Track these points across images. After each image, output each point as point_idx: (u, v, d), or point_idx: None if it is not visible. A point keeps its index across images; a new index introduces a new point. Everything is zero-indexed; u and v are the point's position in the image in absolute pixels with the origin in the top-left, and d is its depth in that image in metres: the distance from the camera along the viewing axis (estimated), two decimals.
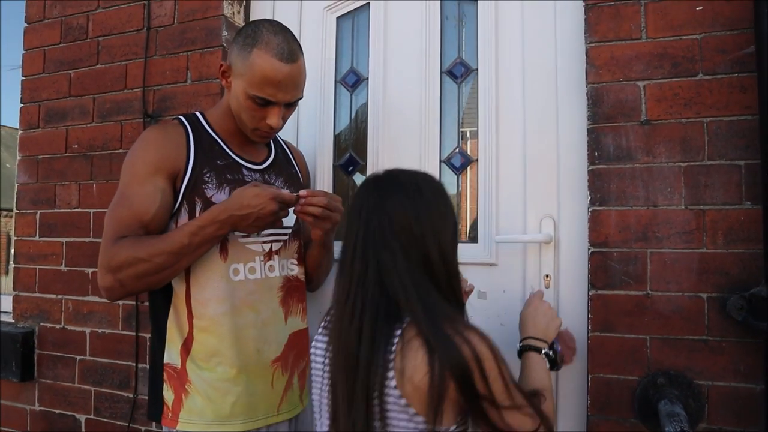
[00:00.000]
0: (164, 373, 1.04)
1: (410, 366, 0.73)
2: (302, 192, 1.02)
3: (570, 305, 1.22)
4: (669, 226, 1.11)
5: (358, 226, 0.81)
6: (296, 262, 1.15)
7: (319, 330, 0.91)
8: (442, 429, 0.74)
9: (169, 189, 1.01)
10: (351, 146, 1.48)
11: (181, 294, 1.03)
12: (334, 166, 1.48)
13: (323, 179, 1.47)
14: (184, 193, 1.01)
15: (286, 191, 1.01)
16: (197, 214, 1.01)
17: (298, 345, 1.13)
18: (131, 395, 1.57)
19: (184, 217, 1.01)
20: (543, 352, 0.96)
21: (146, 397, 1.50)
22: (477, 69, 1.36)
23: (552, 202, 1.26)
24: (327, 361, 0.84)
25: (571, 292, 1.21)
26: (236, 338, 1.03)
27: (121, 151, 1.63)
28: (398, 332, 0.76)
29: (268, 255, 1.08)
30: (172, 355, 1.03)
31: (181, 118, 1.08)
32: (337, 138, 1.49)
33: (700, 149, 1.11)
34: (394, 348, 0.75)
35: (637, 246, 1.12)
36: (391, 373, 0.74)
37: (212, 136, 1.07)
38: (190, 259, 0.98)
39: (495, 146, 1.32)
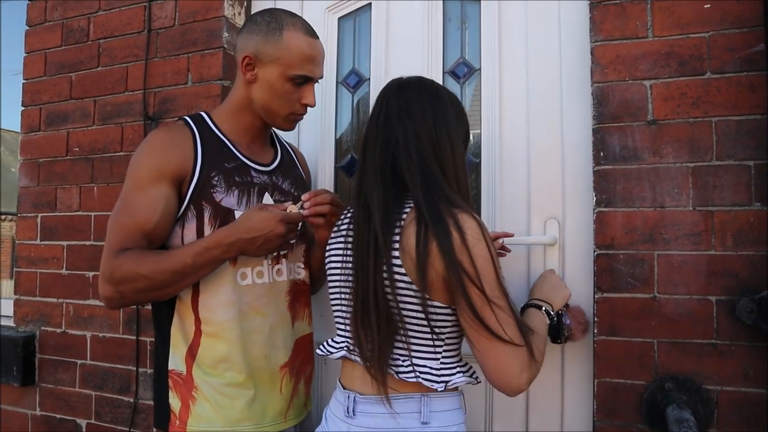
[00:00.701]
0: (169, 380, 1.02)
1: (407, 242, 0.78)
2: (304, 196, 1.01)
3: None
4: (676, 227, 1.09)
5: (380, 105, 0.89)
6: (303, 266, 1.13)
7: (334, 229, 0.96)
8: (437, 304, 0.78)
9: (174, 194, 0.98)
10: (353, 148, 1.46)
11: (187, 300, 1.01)
12: (336, 168, 1.47)
13: (324, 181, 1.45)
14: (191, 197, 0.99)
15: (294, 211, 0.99)
16: (206, 220, 0.99)
17: (304, 350, 1.12)
18: (132, 400, 1.55)
19: (191, 223, 0.99)
20: (543, 309, 0.98)
21: (147, 402, 1.52)
22: (480, 69, 1.34)
23: (557, 203, 1.24)
24: (347, 249, 0.88)
25: (577, 295, 1.19)
26: (244, 343, 1.01)
27: (122, 153, 1.62)
28: (406, 210, 0.82)
29: (276, 259, 1.07)
30: (177, 361, 1.01)
31: (187, 119, 1.06)
32: (338, 139, 1.48)
33: (709, 149, 1.09)
34: (399, 227, 0.80)
35: (644, 248, 1.10)
36: (396, 252, 0.79)
37: (219, 137, 1.05)
38: (193, 279, 0.96)
39: (498, 147, 1.30)
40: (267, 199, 1.05)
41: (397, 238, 0.80)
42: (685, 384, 1.06)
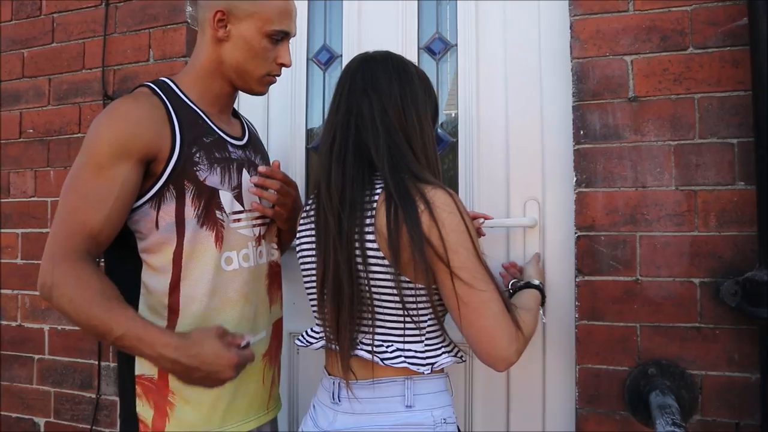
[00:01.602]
0: (137, 387, 0.91)
1: (381, 223, 0.77)
2: (254, 179, 0.98)
3: (556, 292, 1.17)
4: (659, 208, 1.07)
5: (344, 80, 0.86)
6: (276, 246, 1.08)
7: (303, 214, 0.92)
8: (419, 285, 0.77)
9: (137, 175, 0.87)
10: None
11: (159, 292, 0.90)
12: (308, 149, 1.40)
13: (296, 163, 1.38)
14: (170, 176, 0.88)
15: (251, 353, 0.85)
16: (187, 201, 0.89)
17: (278, 335, 1.08)
18: (94, 396, 1.47)
19: (169, 204, 0.89)
20: (539, 285, 1.00)
21: (110, 398, 1.44)
22: (456, 45, 1.29)
23: (536, 184, 1.21)
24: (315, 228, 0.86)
25: (557, 279, 1.16)
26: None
27: (79, 135, 1.52)
28: (378, 190, 0.79)
29: (258, 240, 1.00)
30: (145, 364, 0.90)
31: (152, 86, 0.94)
32: (309, 119, 1.41)
33: (691, 127, 1.06)
34: (372, 208, 0.78)
35: (626, 229, 1.08)
36: (371, 236, 0.77)
37: (192, 107, 0.95)
38: (109, 345, 0.83)
39: (476, 126, 1.26)
40: (245, 175, 0.98)
41: (370, 220, 0.78)
42: (668, 369, 1.04)
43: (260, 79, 0.98)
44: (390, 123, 0.82)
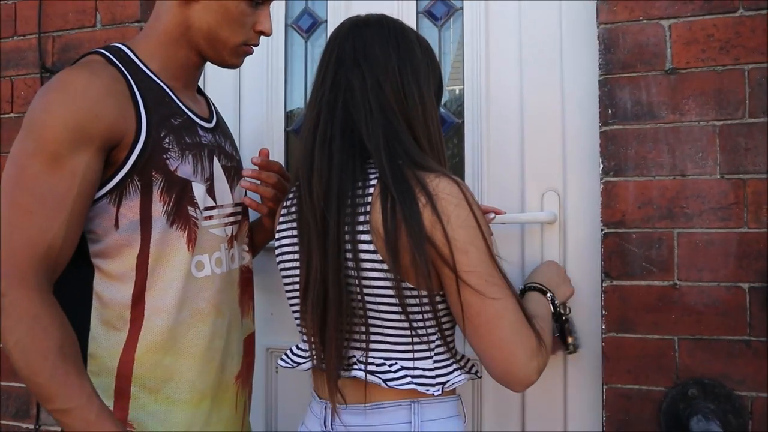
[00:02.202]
0: None
1: (376, 220, 0.72)
2: (245, 172, 0.93)
3: (579, 299, 1.08)
4: (701, 200, 0.99)
5: (331, 49, 0.80)
6: (247, 248, 1.01)
7: (283, 211, 0.86)
8: (417, 291, 0.72)
9: (98, 166, 0.77)
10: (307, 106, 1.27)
11: (117, 305, 0.82)
12: (287, 132, 1.28)
13: (273, 148, 1.25)
14: (134, 166, 0.80)
15: None
16: (155, 195, 0.81)
17: (250, 353, 1.01)
18: (32, 426, 1.34)
19: (133, 199, 0.80)
20: (548, 295, 0.92)
21: (52, 429, 1.29)
22: (462, 8, 1.19)
23: (556, 172, 1.12)
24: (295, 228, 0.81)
25: (581, 284, 1.08)
26: (200, 353, 0.87)
27: (13, 115, 1.36)
28: (373, 181, 0.74)
29: (230, 241, 0.94)
30: (98, 390, 0.79)
31: (105, 53, 0.84)
32: (289, 97, 1.30)
33: (740, 104, 0.98)
34: (366, 203, 0.73)
35: (662, 225, 1.00)
36: (366, 236, 0.72)
37: (156, 81, 0.86)
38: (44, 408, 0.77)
39: (485, 104, 1.16)
40: (216, 165, 0.92)
41: (364, 217, 0.72)
42: (712, 390, 0.96)
43: (235, 48, 0.90)
44: (386, 100, 0.76)
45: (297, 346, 0.86)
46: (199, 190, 0.86)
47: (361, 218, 0.72)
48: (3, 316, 0.70)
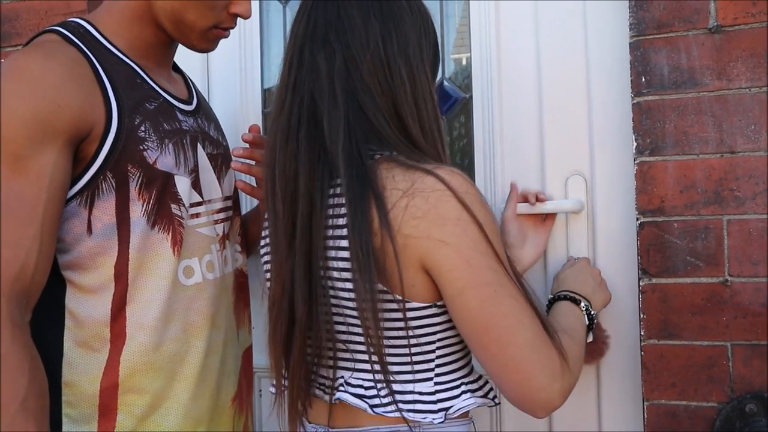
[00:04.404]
0: None
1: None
2: (235, 151, 0.92)
3: (613, 301, 1.04)
4: (754, 181, 0.94)
5: (299, 19, 0.77)
6: (240, 248, 1.00)
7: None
8: (414, 305, 0.70)
9: (67, 163, 0.76)
10: None
11: (94, 323, 0.80)
12: (265, 114, 1.24)
13: (247, 131, 1.20)
14: (106, 160, 0.79)
15: None
16: (132, 192, 0.80)
17: (248, 370, 1.00)
18: None
19: (107, 200, 0.79)
20: (582, 304, 0.88)
21: None
22: None
23: (581, 153, 1.09)
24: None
25: (614, 283, 1.04)
26: (194, 374, 0.86)
27: None
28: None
29: (222, 241, 0.93)
30: (74, 418, 0.81)
31: (62, 30, 0.81)
32: (266, 73, 1.25)
33: None
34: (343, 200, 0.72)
35: (708, 212, 0.96)
36: (342, 241, 0.71)
37: (123, 59, 0.84)
38: None
39: (496, 75, 1.12)
40: (200, 153, 0.91)
41: (341, 221, 0.71)
42: None
43: (203, 33, 0.88)
44: (361, 82, 0.72)
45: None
46: (182, 184, 0.85)
47: (338, 221, 0.71)
48: None
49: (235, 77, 1.24)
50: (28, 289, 0.71)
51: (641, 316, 0.98)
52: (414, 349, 0.72)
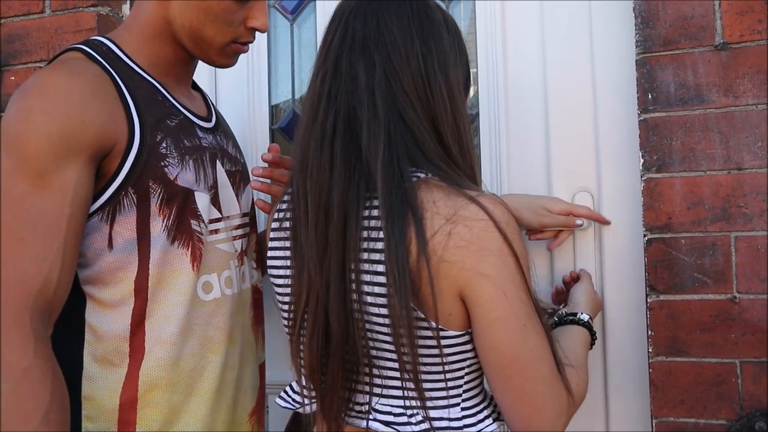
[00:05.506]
0: None
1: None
2: (255, 170, 0.95)
3: (620, 317, 1.07)
4: (762, 197, 0.95)
5: (335, 27, 0.75)
6: (256, 265, 1.01)
7: (274, 224, 0.83)
8: (450, 333, 0.69)
9: (90, 179, 0.77)
10: (295, 101, 1.29)
11: (114, 337, 0.81)
12: (272, 130, 1.26)
13: (257, 148, 1.24)
14: (128, 176, 0.80)
15: None
16: (153, 208, 0.81)
17: (263, 384, 1.02)
18: None
19: (129, 215, 0.80)
20: (586, 323, 0.90)
21: None
22: None
23: (588, 169, 1.10)
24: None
25: (621, 299, 1.07)
26: (212, 389, 0.87)
27: None
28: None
29: (240, 257, 0.94)
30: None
31: (86, 49, 0.83)
32: (273, 90, 1.28)
33: None
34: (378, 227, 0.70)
35: (716, 228, 0.97)
36: (378, 266, 0.69)
37: (145, 77, 0.86)
38: None
39: (503, 90, 1.14)
40: (219, 169, 0.92)
41: (377, 237, 0.69)
42: None
43: (222, 48, 0.89)
44: (403, 96, 0.70)
45: (297, 383, 0.82)
46: (202, 200, 0.86)
47: (370, 236, 0.69)
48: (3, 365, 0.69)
49: (243, 93, 1.26)
50: (50, 303, 0.72)
51: (649, 332, 0.99)
52: (447, 375, 0.71)
